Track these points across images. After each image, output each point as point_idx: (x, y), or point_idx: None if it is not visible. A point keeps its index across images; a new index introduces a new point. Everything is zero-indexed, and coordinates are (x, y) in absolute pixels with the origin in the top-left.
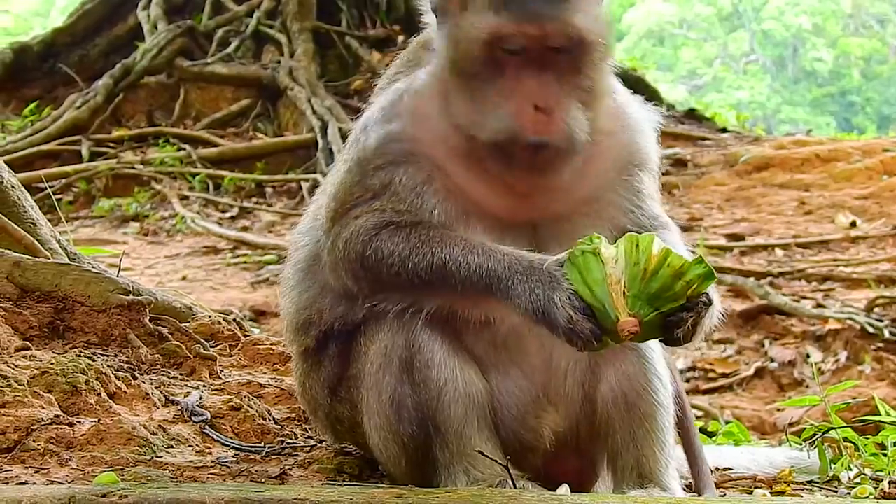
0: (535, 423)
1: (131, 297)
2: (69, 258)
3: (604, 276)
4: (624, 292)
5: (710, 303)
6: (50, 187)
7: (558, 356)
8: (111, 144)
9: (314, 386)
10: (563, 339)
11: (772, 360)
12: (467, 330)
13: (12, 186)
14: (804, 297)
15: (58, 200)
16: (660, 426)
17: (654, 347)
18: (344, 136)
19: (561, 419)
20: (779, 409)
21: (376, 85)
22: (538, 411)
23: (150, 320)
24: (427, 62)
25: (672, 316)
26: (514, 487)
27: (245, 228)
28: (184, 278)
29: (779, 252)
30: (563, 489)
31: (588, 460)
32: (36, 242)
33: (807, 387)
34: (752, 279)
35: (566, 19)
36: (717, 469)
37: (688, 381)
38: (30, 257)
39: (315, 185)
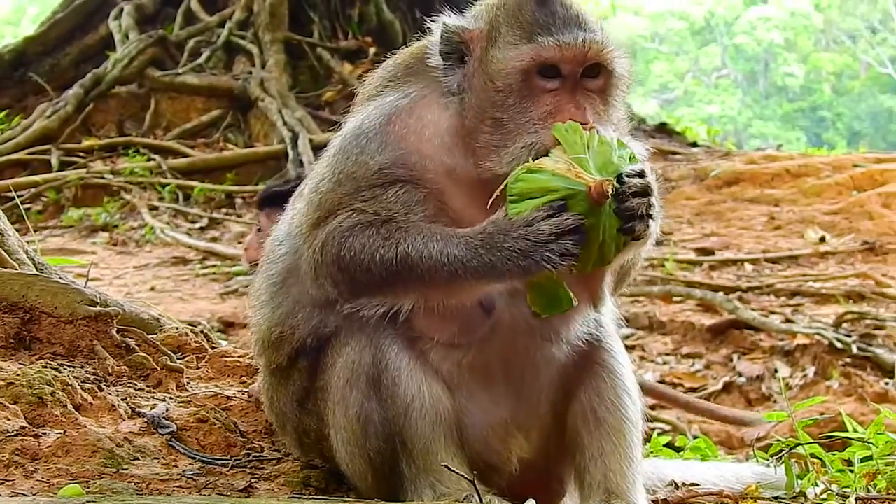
0: (500, 446)
1: (98, 308)
2: (37, 269)
3: (552, 171)
4: (577, 173)
5: (645, 170)
6: (18, 196)
7: (528, 380)
8: (81, 154)
9: (282, 399)
10: (558, 257)
11: (740, 375)
12: (434, 349)
13: None
14: (773, 312)
15: (26, 210)
16: (628, 442)
17: (623, 363)
18: (315, 148)
19: (529, 445)
20: (746, 424)
21: (356, 93)
22: (505, 436)
23: (118, 332)
24: (422, 79)
25: (621, 193)
26: (481, 502)
27: (214, 239)
28: (152, 289)
29: (748, 267)
30: None
31: (555, 477)
32: (3, 253)
33: (774, 402)
34: (721, 294)
35: (601, 43)
36: (683, 484)
37: None
38: None
39: None
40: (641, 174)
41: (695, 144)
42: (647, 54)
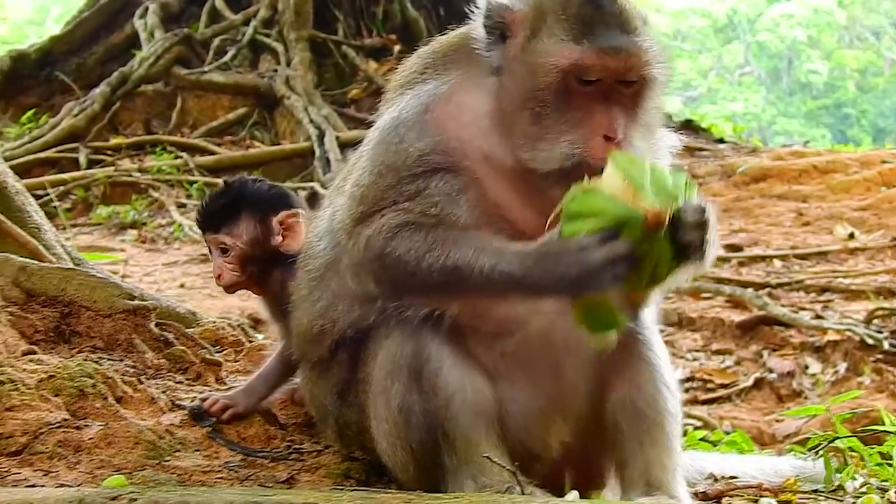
0: (542, 433)
1: (136, 301)
2: (74, 263)
3: (610, 194)
4: (634, 197)
5: (704, 206)
6: (47, 194)
7: (567, 367)
8: (108, 152)
9: (323, 392)
10: (610, 282)
11: (770, 371)
12: (475, 339)
13: (17, 192)
14: (803, 308)
15: (55, 207)
16: (668, 434)
17: (661, 356)
18: (341, 145)
19: (569, 430)
20: (778, 420)
21: (382, 90)
22: (546, 422)
23: (156, 325)
24: (461, 66)
25: (677, 220)
26: (523, 493)
27: None
28: (182, 286)
29: (777, 263)
30: (573, 496)
31: (595, 468)
32: (41, 247)
33: (805, 398)
34: (750, 290)
35: (643, 55)
36: (722, 477)
37: (686, 391)
38: (35, 262)
39: (312, 194)
40: (700, 209)
41: (721, 141)
42: (670, 52)
